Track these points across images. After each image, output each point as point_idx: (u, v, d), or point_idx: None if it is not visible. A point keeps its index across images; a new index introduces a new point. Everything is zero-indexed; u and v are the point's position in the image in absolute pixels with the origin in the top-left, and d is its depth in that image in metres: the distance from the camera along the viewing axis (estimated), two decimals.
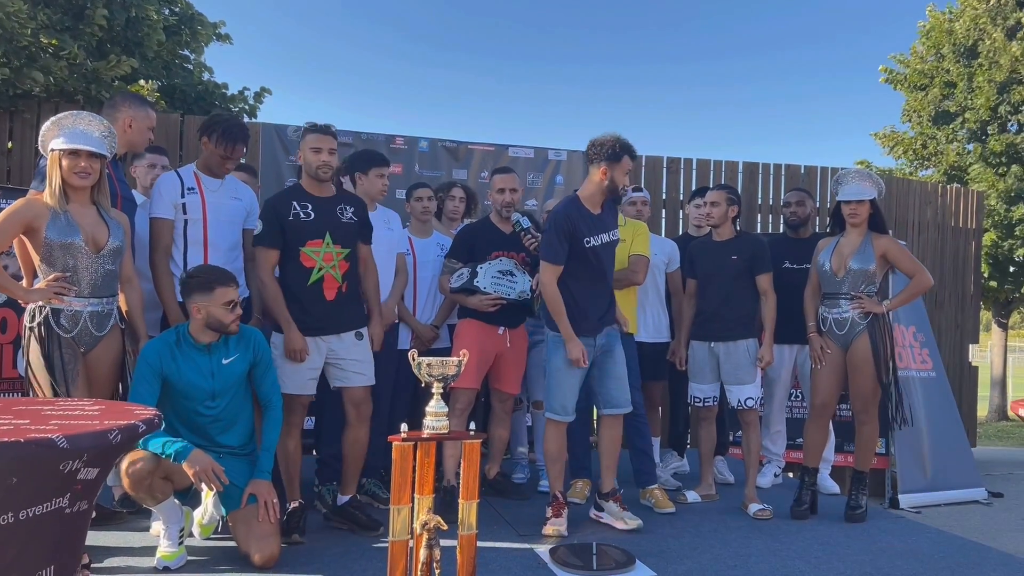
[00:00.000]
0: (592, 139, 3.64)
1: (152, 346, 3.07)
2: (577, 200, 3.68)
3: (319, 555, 3.17)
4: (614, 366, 3.71)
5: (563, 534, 3.54)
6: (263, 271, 3.41)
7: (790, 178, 6.92)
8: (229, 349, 3.18)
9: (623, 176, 3.62)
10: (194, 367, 3.10)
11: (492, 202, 4.12)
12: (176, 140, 5.65)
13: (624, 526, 3.63)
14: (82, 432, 1.70)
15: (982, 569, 3.26)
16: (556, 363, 3.64)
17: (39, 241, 2.88)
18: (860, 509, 3.98)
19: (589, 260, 3.63)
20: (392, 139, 6.07)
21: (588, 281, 3.66)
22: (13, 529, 1.65)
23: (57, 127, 2.91)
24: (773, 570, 3.16)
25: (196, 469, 2.87)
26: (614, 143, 3.58)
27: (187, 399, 3.11)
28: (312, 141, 3.41)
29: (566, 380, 3.63)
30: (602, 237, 3.65)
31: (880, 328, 3.90)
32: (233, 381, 3.17)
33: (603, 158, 3.59)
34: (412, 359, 2.66)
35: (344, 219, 3.45)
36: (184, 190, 3.49)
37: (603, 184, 3.63)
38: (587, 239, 3.60)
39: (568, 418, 3.67)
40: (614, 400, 3.73)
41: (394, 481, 2.53)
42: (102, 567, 2.95)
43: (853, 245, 3.95)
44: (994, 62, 10.62)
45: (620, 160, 3.58)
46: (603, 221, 3.68)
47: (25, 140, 5.38)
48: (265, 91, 7.88)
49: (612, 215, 3.75)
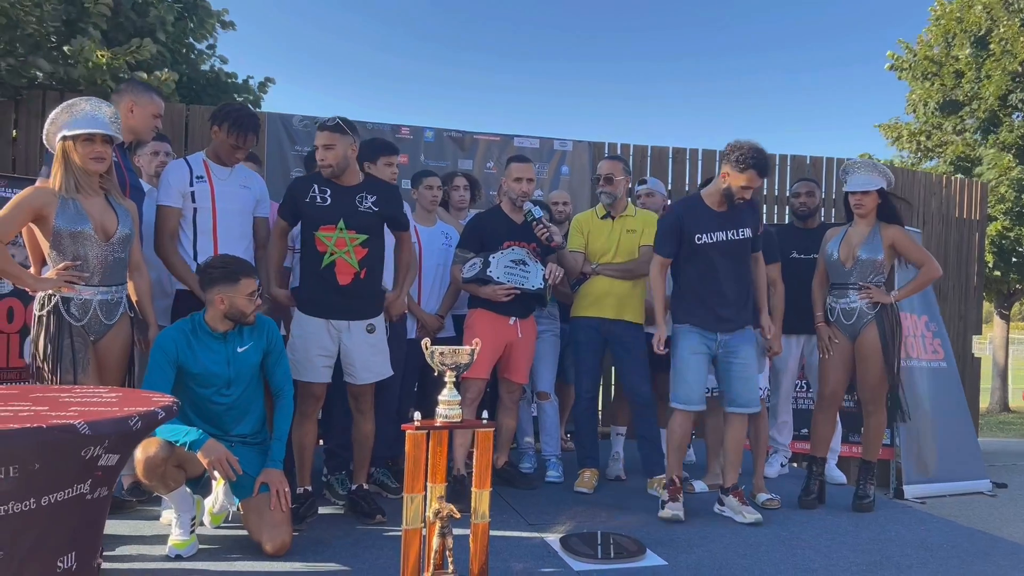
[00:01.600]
0: (734, 139, 3.66)
1: (168, 334, 3.07)
2: (697, 197, 3.76)
3: (330, 544, 3.18)
4: (739, 367, 3.73)
5: (680, 518, 3.61)
6: (272, 235, 3.54)
7: (796, 168, 6.90)
8: (243, 337, 3.18)
9: (740, 188, 3.61)
10: (210, 355, 3.10)
11: (507, 190, 4.09)
12: (181, 130, 5.62)
13: (743, 520, 3.65)
14: (103, 418, 1.71)
15: (992, 559, 3.27)
16: (678, 353, 3.75)
17: (48, 229, 2.87)
18: (868, 499, 3.99)
19: (701, 256, 3.69)
20: (398, 129, 6.05)
21: (701, 276, 3.71)
22: (35, 514, 1.66)
23: (68, 114, 2.89)
24: (783, 559, 3.17)
25: (211, 458, 2.88)
26: (746, 153, 3.58)
27: (202, 387, 3.11)
28: (315, 139, 3.46)
29: (687, 370, 3.71)
30: (717, 235, 3.68)
31: (889, 318, 3.91)
32: (248, 369, 3.18)
33: (730, 162, 3.61)
34: (425, 348, 2.66)
35: (362, 207, 3.43)
36: (193, 178, 3.48)
37: (721, 185, 3.67)
38: (698, 236, 3.67)
39: (691, 407, 3.73)
40: (737, 399, 3.75)
41: (407, 470, 2.53)
42: (113, 555, 2.95)
43: (861, 235, 3.94)
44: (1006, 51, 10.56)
45: (744, 171, 3.58)
46: (724, 219, 3.70)
47: (30, 129, 5.35)
48: (269, 80, 7.86)
49: (741, 213, 3.72)
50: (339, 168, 3.40)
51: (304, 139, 5.74)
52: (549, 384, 4.49)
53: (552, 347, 4.51)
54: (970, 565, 3.17)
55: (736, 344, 3.74)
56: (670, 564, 3.06)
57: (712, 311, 3.71)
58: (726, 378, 3.79)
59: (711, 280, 3.71)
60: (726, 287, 3.71)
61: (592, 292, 4.17)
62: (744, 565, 3.08)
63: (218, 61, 7.81)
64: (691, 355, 3.71)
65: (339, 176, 3.42)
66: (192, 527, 3.05)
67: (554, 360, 4.54)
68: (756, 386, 3.83)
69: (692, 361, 3.71)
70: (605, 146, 6.55)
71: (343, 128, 3.39)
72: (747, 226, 3.74)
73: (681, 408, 3.73)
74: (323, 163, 3.39)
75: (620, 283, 4.13)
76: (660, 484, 4.07)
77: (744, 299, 3.78)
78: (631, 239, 4.16)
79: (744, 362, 3.75)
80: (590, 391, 4.23)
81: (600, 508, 3.85)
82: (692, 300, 3.73)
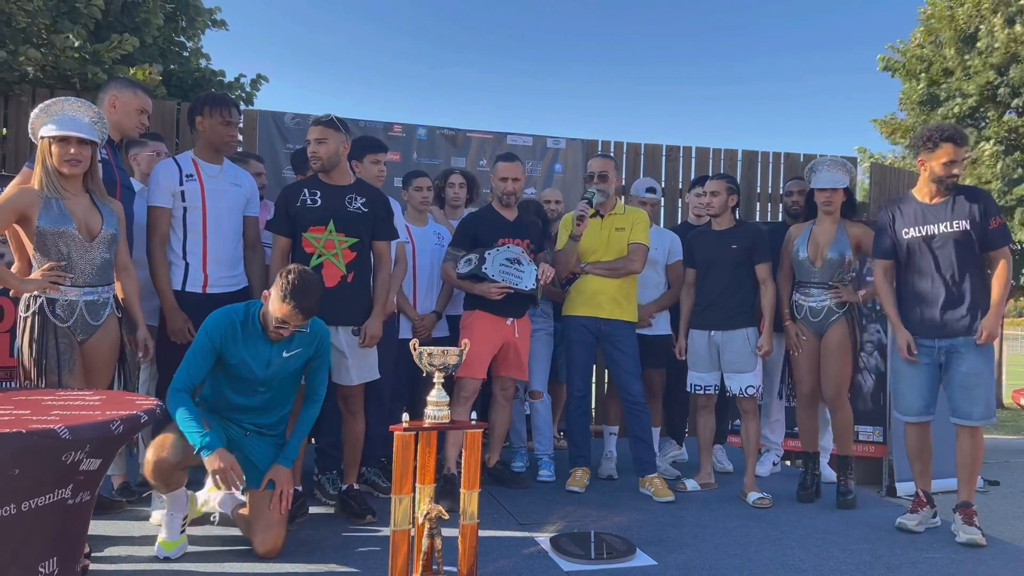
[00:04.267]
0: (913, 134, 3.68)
1: (218, 321, 2.98)
2: (908, 193, 3.68)
3: (320, 545, 3.17)
4: (956, 372, 3.51)
5: (909, 529, 3.58)
6: (273, 257, 3.49)
7: (789, 166, 6.89)
8: (293, 343, 3.06)
9: (940, 165, 3.48)
10: (253, 352, 3.01)
11: (493, 188, 4.09)
12: (172, 127, 5.60)
13: (958, 538, 3.45)
14: (84, 423, 1.69)
15: (981, 557, 3.27)
16: (895, 364, 3.71)
17: (32, 230, 2.85)
18: (851, 495, 4.03)
19: (910, 252, 3.58)
20: (390, 127, 6.03)
21: (915, 275, 3.58)
22: (15, 520, 1.64)
23: (46, 114, 2.88)
24: (773, 558, 3.17)
25: (217, 467, 2.81)
26: (929, 133, 3.53)
27: (235, 380, 3.04)
28: (308, 133, 3.47)
29: (904, 380, 3.66)
30: (927, 228, 3.53)
31: (855, 316, 4.01)
32: (286, 375, 3.10)
33: (919, 148, 3.55)
34: (413, 349, 2.66)
35: (351, 208, 3.43)
36: (183, 177, 3.46)
37: (924, 174, 3.58)
38: (905, 230, 3.58)
39: (913, 418, 3.66)
40: (955, 408, 3.54)
41: (395, 471, 2.53)
42: (102, 556, 2.93)
43: (828, 234, 3.98)
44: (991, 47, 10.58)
45: (935, 149, 3.49)
46: (934, 212, 3.54)
47: (20, 125, 5.32)
48: (262, 78, 7.82)
49: (953, 206, 3.52)
50: (330, 163, 3.40)
51: (296, 137, 5.71)
52: (542, 383, 4.48)
53: (546, 346, 4.50)
54: (961, 564, 3.17)
55: (956, 351, 3.51)
56: (660, 564, 3.05)
57: (926, 312, 3.56)
58: (946, 385, 3.58)
59: (928, 277, 3.54)
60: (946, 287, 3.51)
61: (585, 290, 4.15)
62: (734, 565, 3.07)
63: (204, 61, 7.78)
64: (906, 365, 3.61)
65: (329, 172, 3.42)
66: (182, 528, 3.03)
67: (547, 359, 4.53)
68: (974, 396, 3.49)
69: (909, 372, 3.62)
70: (598, 144, 6.53)
71: (336, 124, 3.42)
72: (961, 219, 3.48)
73: (902, 419, 3.73)
74: (314, 156, 3.41)
75: (612, 281, 4.12)
76: (652, 483, 4.08)
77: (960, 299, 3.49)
78: (620, 237, 4.14)
79: (961, 369, 3.49)
80: (581, 390, 4.22)
81: (591, 507, 3.84)
82: (904, 301, 3.63)
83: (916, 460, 3.75)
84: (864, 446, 5.63)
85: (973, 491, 3.59)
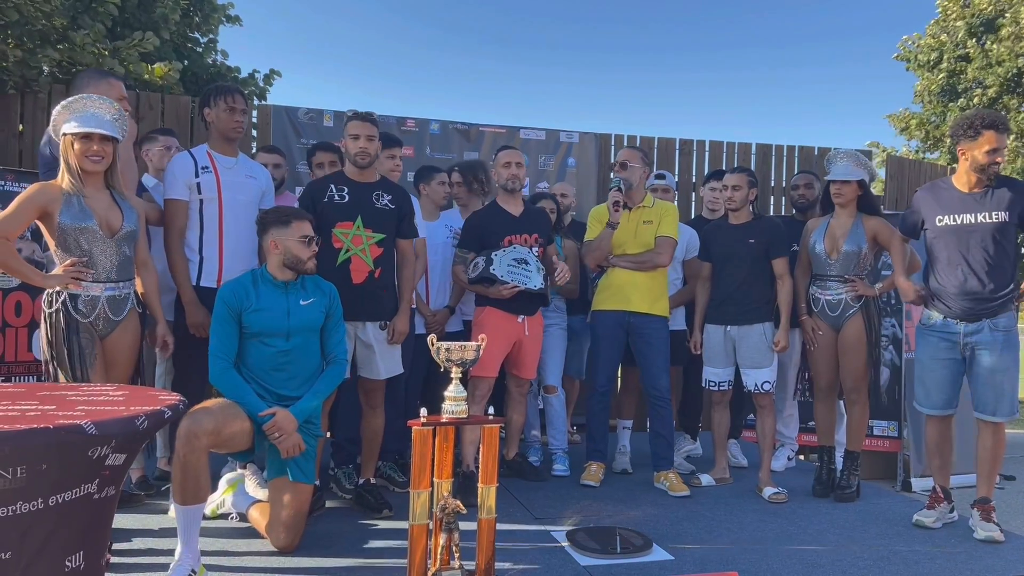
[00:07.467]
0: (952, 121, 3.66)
1: (229, 287, 3.05)
2: (946, 179, 3.66)
3: (337, 539, 3.19)
4: (980, 366, 3.47)
5: (926, 525, 3.57)
6: None
7: (804, 160, 6.85)
8: (307, 292, 3.14)
9: (983, 153, 3.43)
10: (271, 304, 3.06)
11: (497, 178, 4.08)
12: (187, 123, 5.62)
13: (976, 535, 3.44)
14: (110, 418, 1.71)
15: (999, 552, 3.26)
16: (918, 354, 3.70)
17: (53, 226, 2.88)
18: (850, 489, 4.02)
19: (942, 238, 3.55)
20: (403, 121, 6.03)
21: (945, 260, 3.55)
22: (43, 515, 1.66)
23: (68, 111, 2.89)
24: (789, 554, 3.17)
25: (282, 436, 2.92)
26: (969, 120, 3.50)
27: (261, 337, 3.04)
28: (351, 128, 3.47)
29: (926, 372, 3.64)
30: (963, 216, 3.49)
31: (872, 310, 3.97)
32: (308, 324, 3.12)
33: (960, 137, 3.52)
34: (431, 344, 2.66)
35: (379, 205, 3.48)
36: (198, 169, 3.47)
37: (965, 164, 3.54)
38: (939, 217, 3.57)
39: (933, 411, 3.65)
40: (978, 403, 3.50)
41: (414, 465, 2.54)
42: (121, 549, 2.97)
43: (844, 227, 3.97)
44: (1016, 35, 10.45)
45: (977, 137, 3.44)
46: (972, 201, 3.50)
47: (37, 122, 5.35)
48: (275, 73, 7.85)
49: (992, 196, 3.47)
50: (375, 159, 3.50)
51: (309, 132, 5.73)
52: (556, 378, 4.49)
53: (559, 340, 4.50)
54: (979, 559, 3.16)
55: (983, 341, 3.46)
56: (676, 559, 3.06)
57: (955, 298, 3.52)
58: (969, 376, 3.56)
59: (958, 263, 3.51)
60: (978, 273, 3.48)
61: (613, 284, 4.13)
62: (751, 560, 3.07)
63: (219, 56, 7.81)
64: (930, 358, 3.61)
65: (367, 169, 3.49)
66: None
67: (561, 354, 4.54)
68: (998, 390, 3.46)
69: (931, 365, 3.62)
70: (612, 138, 6.51)
71: (376, 121, 3.51)
72: (1000, 209, 3.44)
73: (922, 411, 3.73)
74: (364, 151, 3.46)
75: (640, 274, 4.10)
76: (667, 478, 4.08)
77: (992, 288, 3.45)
78: (647, 230, 4.12)
79: (988, 361, 3.45)
80: (605, 385, 4.20)
81: (606, 502, 3.85)
82: (935, 283, 3.61)
83: (935, 455, 3.72)
84: (879, 441, 5.60)
85: (993, 487, 3.57)
